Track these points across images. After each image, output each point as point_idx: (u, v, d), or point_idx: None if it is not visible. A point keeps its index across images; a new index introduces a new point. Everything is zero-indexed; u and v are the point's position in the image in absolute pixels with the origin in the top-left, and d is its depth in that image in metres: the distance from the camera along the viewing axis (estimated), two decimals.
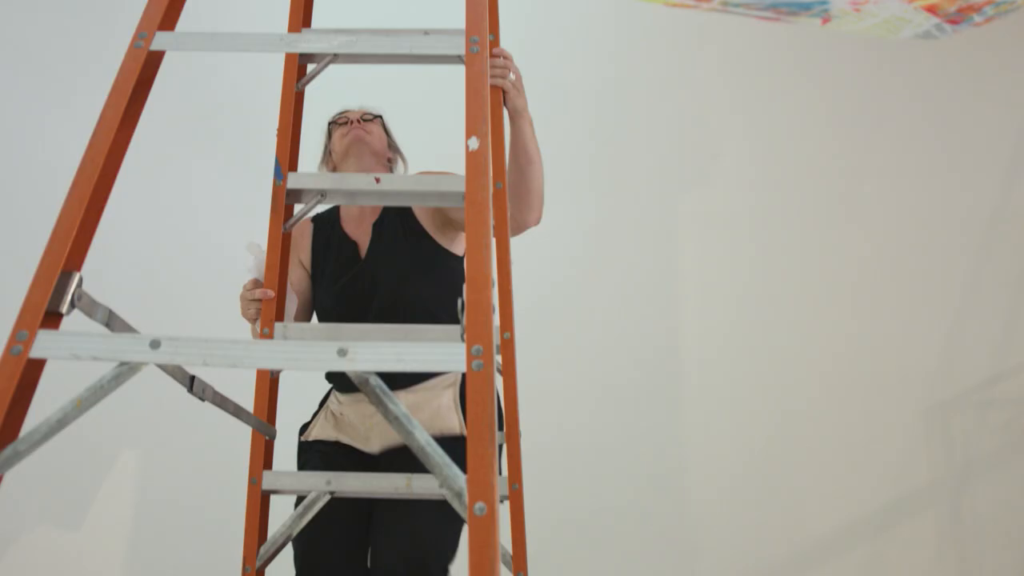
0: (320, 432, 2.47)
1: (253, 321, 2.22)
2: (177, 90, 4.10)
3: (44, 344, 1.21)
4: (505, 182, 2.02)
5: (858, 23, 4.05)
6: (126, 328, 1.37)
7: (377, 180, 1.73)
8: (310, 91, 1.91)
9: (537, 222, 2.41)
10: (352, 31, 1.60)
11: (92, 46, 4.18)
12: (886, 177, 4.80)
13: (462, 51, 1.43)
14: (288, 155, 1.77)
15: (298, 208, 1.81)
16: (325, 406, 2.54)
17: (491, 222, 1.40)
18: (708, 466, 4.53)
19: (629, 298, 4.71)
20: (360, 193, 1.81)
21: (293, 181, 1.73)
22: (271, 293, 1.82)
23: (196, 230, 4.40)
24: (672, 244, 4.82)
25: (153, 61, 1.40)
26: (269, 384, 1.83)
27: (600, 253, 4.77)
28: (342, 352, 1.17)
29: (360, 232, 2.56)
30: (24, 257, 1.73)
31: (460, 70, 1.47)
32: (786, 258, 4.72)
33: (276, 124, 1.82)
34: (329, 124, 2.71)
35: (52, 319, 1.25)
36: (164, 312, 4.05)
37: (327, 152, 2.71)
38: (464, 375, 2.27)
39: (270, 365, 1.17)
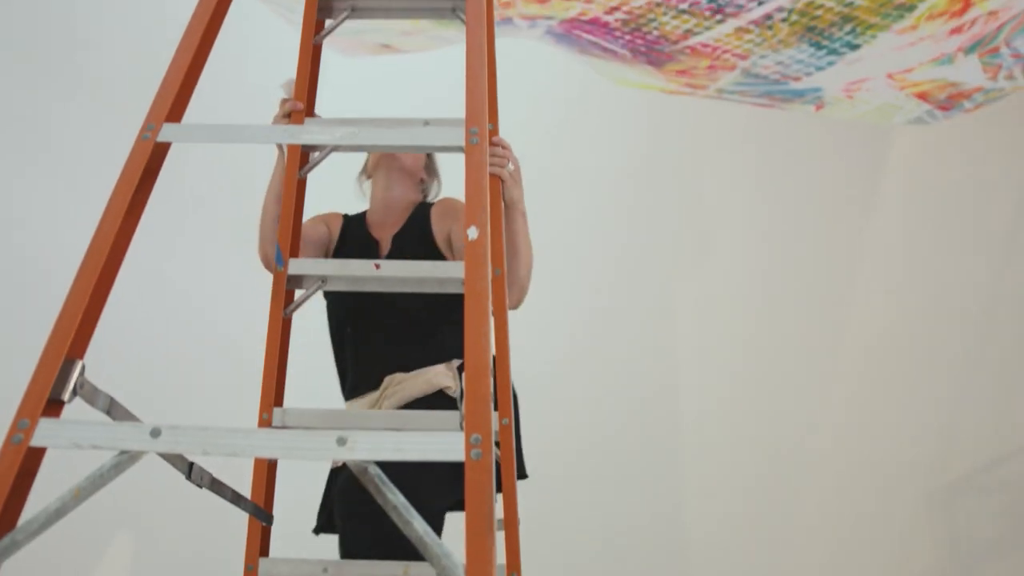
0: None
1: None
2: (180, 173, 4.15)
3: (45, 432, 1.21)
4: (504, 268, 2.04)
5: (851, 110, 4.13)
6: (127, 416, 1.37)
7: (377, 266, 1.76)
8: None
9: (515, 307, 2.44)
10: (354, 121, 1.64)
11: (100, 130, 4.24)
12: (881, 260, 4.83)
13: (462, 142, 1.46)
14: (290, 241, 1.80)
15: (299, 293, 1.82)
16: None
17: (490, 310, 1.41)
18: (710, 567, 4.48)
19: (627, 384, 4.71)
20: (361, 279, 1.83)
21: (294, 267, 1.76)
22: (300, 105, 1.83)
23: (197, 314, 4.40)
24: (670, 326, 4.83)
25: (160, 152, 1.43)
26: (267, 469, 1.83)
27: (597, 334, 4.78)
28: (341, 441, 1.17)
29: (383, 236, 2.59)
30: (27, 343, 1.74)
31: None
32: (783, 342, 4.73)
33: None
34: None
35: (54, 407, 1.26)
36: (166, 391, 4.03)
37: (365, 163, 2.75)
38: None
39: (269, 454, 1.18)
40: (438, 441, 1.18)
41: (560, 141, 4.82)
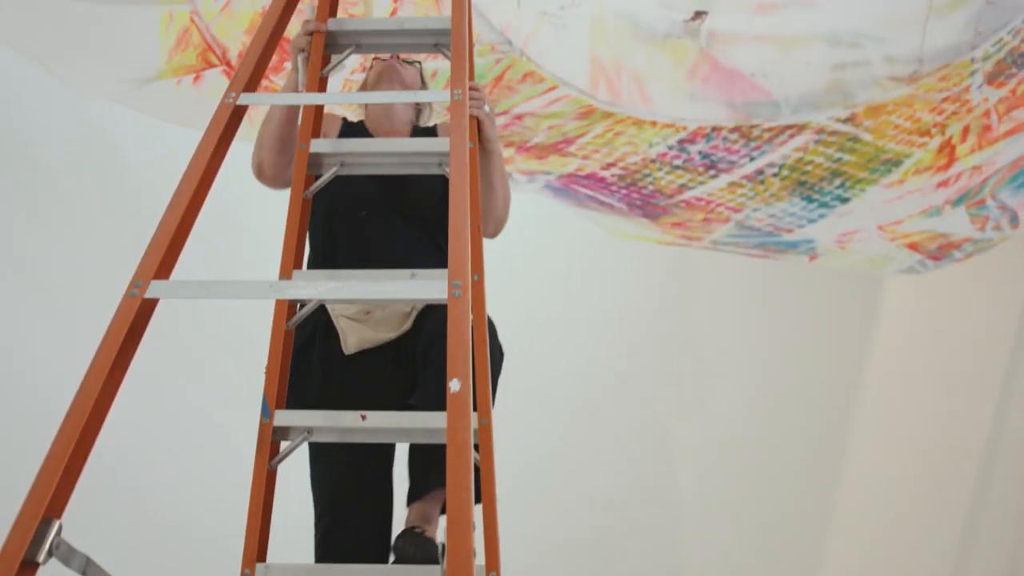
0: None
1: (300, 51, 2.14)
2: (165, 325, 4.17)
3: None
4: (489, 418, 2.03)
5: (844, 259, 4.20)
6: None
7: (363, 417, 1.76)
8: None
9: (492, 236, 2.46)
10: (340, 275, 1.67)
11: (97, 279, 4.29)
12: (879, 406, 4.82)
13: (444, 295, 1.48)
14: (275, 393, 1.79)
15: (284, 445, 1.81)
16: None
17: (473, 461, 1.40)
18: None
19: (625, 535, 4.64)
20: (348, 430, 1.83)
21: (280, 419, 1.75)
22: (324, 26, 1.87)
23: (179, 466, 4.36)
24: (669, 468, 4.80)
25: (147, 309, 1.44)
26: None
27: (596, 473, 4.75)
28: None
29: None
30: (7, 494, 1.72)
31: None
32: (782, 486, 4.68)
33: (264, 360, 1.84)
34: (373, 59, 2.77)
35: (27, 568, 1.23)
36: (147, 545, 3.96)
37: (363, 85, 2.73)
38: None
39: None
40: None
41: (559, 291, 4.89)
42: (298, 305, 1.84)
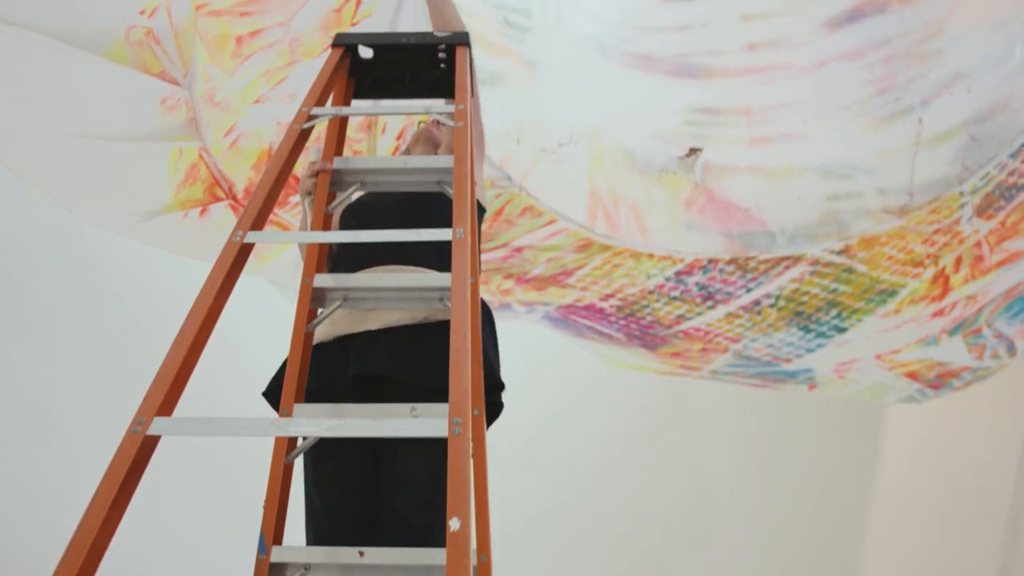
0: (316, 337, 2.29)
1: (307, 195, 2.30)
2: (163, 454, 4.15)
3: None
4: (488, 555, 2.01)
5: (843, 388, 4.20)
6: None
7: (361, 554, 1.74)
8: None
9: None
10: (341, 411, 1.68)
11: (97, 413, 4.29)
12: (883, 537, 4.75)
13: (445, 433, 1.48)
14: (273, 529, 1.78)
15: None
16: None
17: None
18: None
19: None
20: (346, 567, 1.81)
21: (277, 555, 1.73)
22: (329, 164, 1.99)
23: None
24: None
25: (149, 445, 1.44)
26: None
27: None
28: None
29: None
30: None
31: None
32: None
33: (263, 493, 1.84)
34: (419, 122, 2.84)
35: None
36: None
37: (407, 145, 2.80)
38: None
39: None
40: None
41: (556, 421, 4.88)
42: (298, 439, 1.84)
